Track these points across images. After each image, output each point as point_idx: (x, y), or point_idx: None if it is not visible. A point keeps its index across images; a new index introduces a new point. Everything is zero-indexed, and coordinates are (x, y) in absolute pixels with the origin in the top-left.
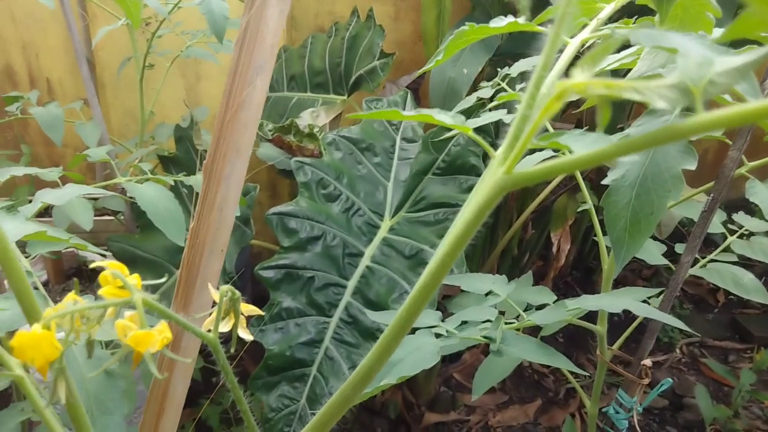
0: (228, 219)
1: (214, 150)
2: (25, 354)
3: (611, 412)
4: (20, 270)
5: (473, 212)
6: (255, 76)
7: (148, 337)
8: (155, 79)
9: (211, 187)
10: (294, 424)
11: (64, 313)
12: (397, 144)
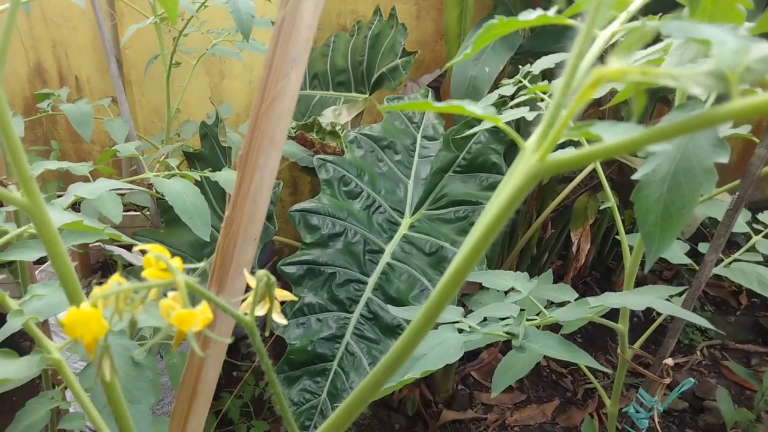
0: (261, 209)
1: (249, 141)
2: (74, 331)
3: (631, 411)
4: (65, 256)
5: (505, 200)
6: (290, 69)
7: (191, 317)
8: (181, 77)
9: (246, 178)
10: (315, 418)
11: (111, 292)
12: (418, 142)
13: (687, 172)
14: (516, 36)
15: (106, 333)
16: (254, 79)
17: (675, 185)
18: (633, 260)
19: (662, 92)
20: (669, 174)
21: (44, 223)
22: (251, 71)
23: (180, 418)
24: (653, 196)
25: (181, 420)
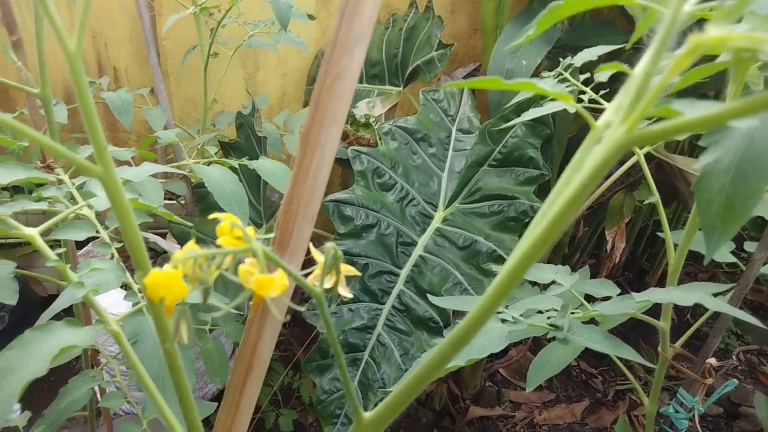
0: (320, 186)
1: (312, 118)
2: (157, 292)
3: (671, 411)
4: (135, 226)
5: (589, 173)
6: (354, 46)
7: (270, 282)
8: (217, 69)
9: (307, 154)
10: (345, 407)
11: (191, 256)
12: (453, 135)
13: (754, 161)
14: (554, 29)
15: (185, 295)
16: (288, 71)
17: (740, 175)
18: (677, 258)
19: (702, 89)
20: (733, 164)
21: (117, 192)
22: (285, 63)
23: (235, 392)
24: (716, 186)
25: (236, 394)
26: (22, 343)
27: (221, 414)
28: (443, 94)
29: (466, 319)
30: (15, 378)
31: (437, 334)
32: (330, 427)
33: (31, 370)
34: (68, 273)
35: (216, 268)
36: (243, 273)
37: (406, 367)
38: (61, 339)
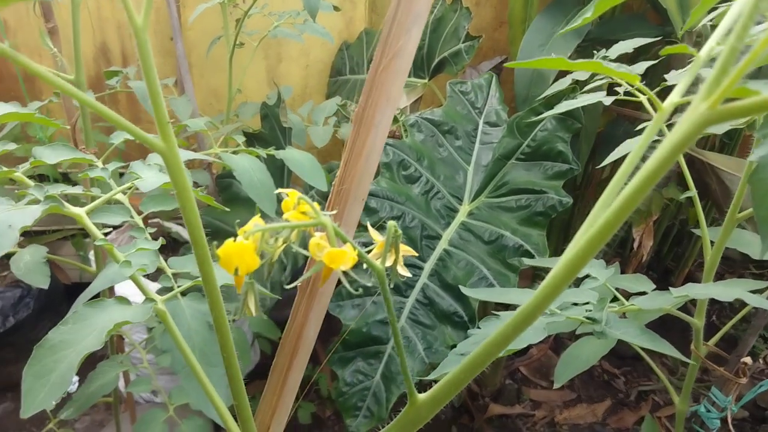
0: (372, 167)
1: (366, 98)
2: (231, 262)
3: (702, 410)
4: (194, 203)
5: (669, 149)
6: (412, 25)
7: (341, 255)
8: (240, 60)
9: (360, 135)
10: (368, 399)
11: (259, 229)
12: (480, 128)
13: None
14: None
15: (257, 266)
16: (311, 63)
17: None
18: (713, 255)
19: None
20: None
21: (178, 168)
22: (308, 55)
23: (280, 374)
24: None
25: (281, 376)
26: (76, 318)
27: (266, 395)
28: (470, 86)
29: (536, 294)
30: (72, 351)
31: (462, 329)
32: (351, 419)
33: (88, 343)
34: (115, 252)
35: (282, 242)
36: (313, 246)
37: (430, 361)
38: (113, 315)
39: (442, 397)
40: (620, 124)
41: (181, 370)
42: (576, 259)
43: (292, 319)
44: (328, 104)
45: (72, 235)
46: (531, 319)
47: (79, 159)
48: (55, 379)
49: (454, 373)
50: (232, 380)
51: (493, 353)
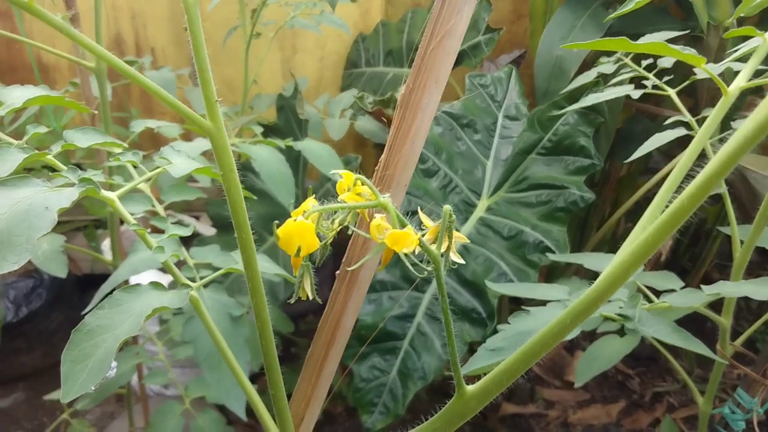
0: (416, 153)
1: (414, 80)
2: (291, 242)
3: (726, 412)
4: (238, 183)
5: (755, 127)
6: (464, 4)
7: (405, 237)
8: (256, 51)
9: (407, 118)
10: (384, 395)
11: (320, 208)
12: (499, 121)
13: None
14: (606, 16)
15: (317, 247)
16: (325, 55)
17: None
18: (743, 253)
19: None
20: None
21: (224, 149)
22: (323, 47)
23: (316, 364)
24: None
25: (317, 365)
26: (112, 303)
27: (301, 384)
28: (490, 79)
29: (598, 282)
30: (110, 336)
31: (480, 326)
32: (367, 415)
33: (125, 329)
34: (148, 238)
35: (338, 224)
36: (374, 228)
37: (448, 358)
38: (149, 300)
39: (492, 388)
40: (639, 121)
41: (204, 362)
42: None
43: (330, 307)
44: (344, 96)
45: (84, 226)
46: (589, 311)
47: (110, 143)
48: (93, 365)
49: (508, 362)
50: (269, 369)
51: (550, 344)
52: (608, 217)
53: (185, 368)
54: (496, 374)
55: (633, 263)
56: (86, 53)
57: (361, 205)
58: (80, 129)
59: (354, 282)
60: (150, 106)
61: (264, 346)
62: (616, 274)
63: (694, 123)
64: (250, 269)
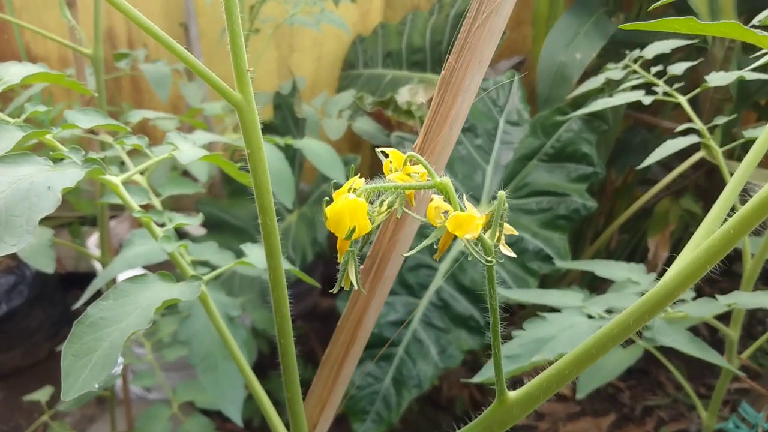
0: (454, 137)
1: (456, 59)
2: (342, 222)
3: (730, 426)
4: (265, 161)
5: None
6: None
7: (468, 220)
8: (253, 48)
9: (446, 101)
10: (377, 403)
11: (372, 186)
12: (500, 126)
13: None
14: (609, 24)
15: (369, 230)
16: (323, 55)
17: None
18: (754, 264)
19: (753, 98)
20: None
21: (253, 124)
22: (321, 47)
23: (334, 364)
24: None
25: (335, 366)
26: (117, 293)
27: (315, 388)
28: (492, 83)
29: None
30: (116, 329)
31: (478, 334)
32: (359, 423)
33: (132, 322)
34: (153, 227)
35: (387, 207)
36: (433, 210)
37: (444, 365)
38: (158, 292)
39: (539, 395)
40: (638, 131)
41: (200, 363)
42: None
43: (351, 306)
44: (342, 96)
45: (69, 223)
46: (655, 312)
47: (112, 126)
48: (97, 360)
49: (558, 366)
50: (286, 370)
51: (607, 346)
52: (603, 228)
53: (170, 371)
54: (544, 379)
55: (717, 253)
56: (83, 40)
57: (416, 186)
58: (82, 110)
59: (379, 279)
60: (141, 101)
61: (282, 345)
62: (687, 270)
63: (705, 131)
64: (273, 259)
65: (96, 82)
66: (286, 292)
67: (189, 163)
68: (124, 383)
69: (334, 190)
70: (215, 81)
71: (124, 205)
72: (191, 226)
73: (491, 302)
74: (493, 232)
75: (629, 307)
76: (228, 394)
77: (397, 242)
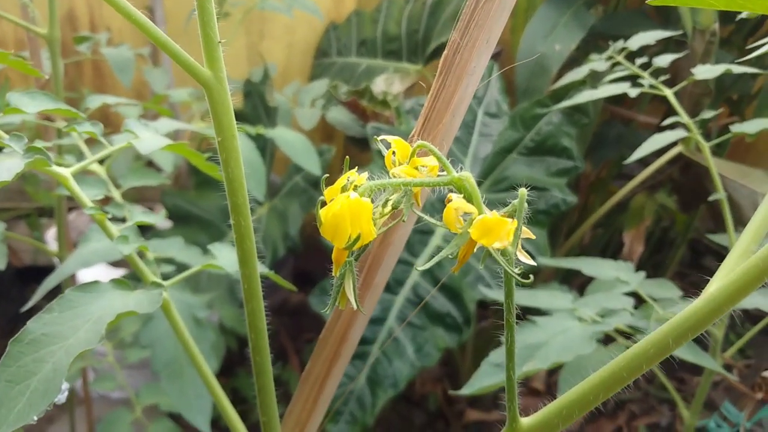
0: (456, 125)
1: (461, 37)
2: (341, 226)
3: (712, 426)
4: (237, 145)
5: None
6: None
7: (500, 226)
8: (221, 34)
9: (448, 85)
10: (351, 403)
11: (378, 183)
12: (479, 118)
13: None
14: (588, 16)
15: (373, 238)
16: (294, 42)
17: None
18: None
19: (727, 93)
20: None
21: (224, 104)
22: (292, 34)
23: (315, 383)
24: None
25: (315, 384)
26: (63, 305)
27: (293, 409)
28: None
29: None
30: (60, 347)
31: (455, 332)
32: (332, 424)
33: (81, 338)
34: (108, 226)
35: (391, 208)
36: (451, 212)
37: (421, 364)
38: (112, 302)
39: (557, 422)
40: (613, 125)
41: (163, 369)
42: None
43: (335, 318)
44: (316, 85)
45: (27, 214)
46: (699, 329)
47: (63, 111)
48: (37, 386)
49: (580, 392)
50: (261, 391)
51: (641, 369)
52: (577, 222)
53: (133, 370)
54: (565, 404)
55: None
56: (37, 19)
57: (429, 182)
58: (27, 92)
59: (368, 287)
60: (103, 87)
61: (258, 364)
62: (740, 282)
63: (692, 125)
64: (247, 267)
65: (52, 64)
66: (263, 304)
67: (150, 152)
68: (84, 383)
69: (325, 186)
70: (180, 54)
71: (104, 189)
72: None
73: (508, 318)
74: (516, 237)
75: (666, 324)
76: (195, 402)
77: (390, 245)
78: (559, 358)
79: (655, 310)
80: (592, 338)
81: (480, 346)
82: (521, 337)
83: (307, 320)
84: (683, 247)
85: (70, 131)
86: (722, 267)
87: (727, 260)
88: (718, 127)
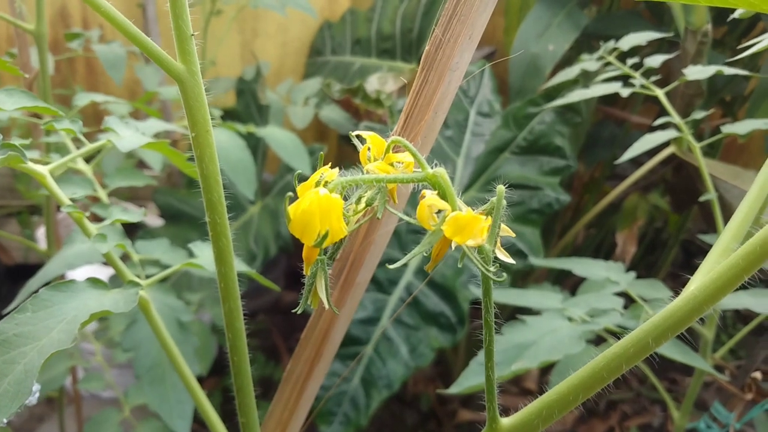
0: (439, 123)
1: (443, 33)
2: (310, 224)
3: (702, 426)
4: (212, 140)
5: None
6: None
7: (473, 223)
8: (214, 31)
9: (430, 81)
10: (344, 404)
11: (349, 180)
12: (471, 118)
13: None
14: (582, 16)
15: (344, 235)
16: (288, 41)
17: None
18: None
19: (720, 94)
20: None
21: (198, 99)
22: (286, 32)
23: (296, 383)
24: None
25: (297, 385)
26: (37, 304)
27: (274, 410)
28: None
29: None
30: (33, 348)
31: (449, 332)
32: (326, 426)
33: (54, 339)
34: (86, 224)
35: (365, 205)
36: (425, 210)
37: (415, 364)
38: (87, 302)
39: (537, 423)
40: (606, 125)
41: (146, 374)
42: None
43: (317, 317)
44: (309, 84)
45: (18, 212)
46: (679, 328)
47: (41, 109)
48: (7, 387)
49: (560, 392)
50: (240, 392)
51: (621, 369)
52: (570, 222)
53: (122, 369)
54: (544, 404)
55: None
56: (25, 14)
57: (402, 179)
58: (6, 89)
59: (349, 286)
60: (96, 85)
61: (236, 364)
62: (720, 281)
63: (683, 126)
64: (223, 265)
65: (39, 61)
66: (240, 303)
67: (130, 151)
68: (74, 382)
69: (299, 182)
70: (151, 47)
71: (78, 196)
72: (148, 216)
73: (486, 317)
74: (492, 235)
75: (646, 323)
76: (176, 408)
77: (371, 244)
78: (547, 358)
79: (644, 311)
80: (581, 338)
81: (473, 345)
82: (510, 337)
83: (300, 319)
84: (676, 248)
85: (48, 129)
86: (702, 265)
87: (708, 258)
88: (711, 128)
